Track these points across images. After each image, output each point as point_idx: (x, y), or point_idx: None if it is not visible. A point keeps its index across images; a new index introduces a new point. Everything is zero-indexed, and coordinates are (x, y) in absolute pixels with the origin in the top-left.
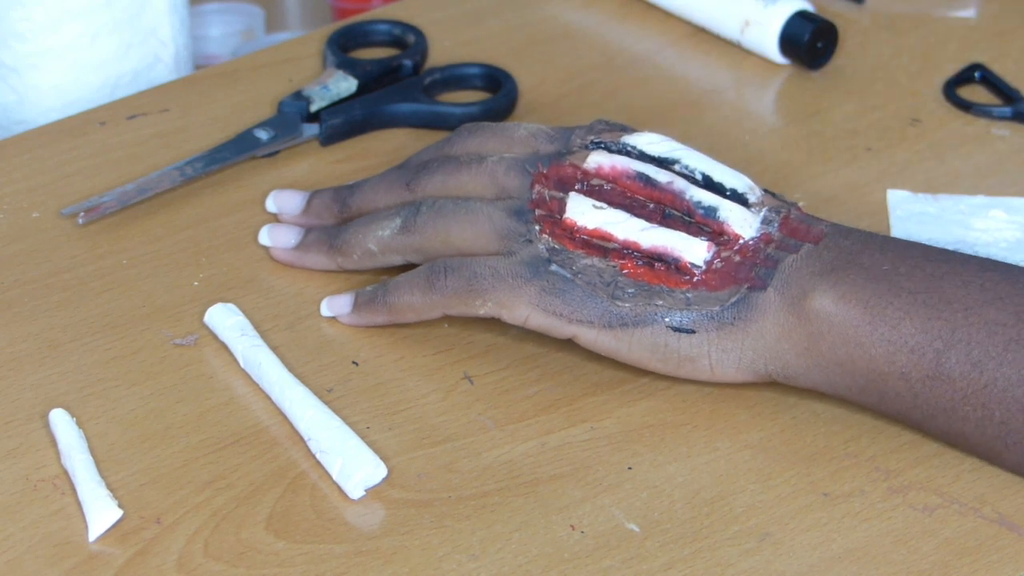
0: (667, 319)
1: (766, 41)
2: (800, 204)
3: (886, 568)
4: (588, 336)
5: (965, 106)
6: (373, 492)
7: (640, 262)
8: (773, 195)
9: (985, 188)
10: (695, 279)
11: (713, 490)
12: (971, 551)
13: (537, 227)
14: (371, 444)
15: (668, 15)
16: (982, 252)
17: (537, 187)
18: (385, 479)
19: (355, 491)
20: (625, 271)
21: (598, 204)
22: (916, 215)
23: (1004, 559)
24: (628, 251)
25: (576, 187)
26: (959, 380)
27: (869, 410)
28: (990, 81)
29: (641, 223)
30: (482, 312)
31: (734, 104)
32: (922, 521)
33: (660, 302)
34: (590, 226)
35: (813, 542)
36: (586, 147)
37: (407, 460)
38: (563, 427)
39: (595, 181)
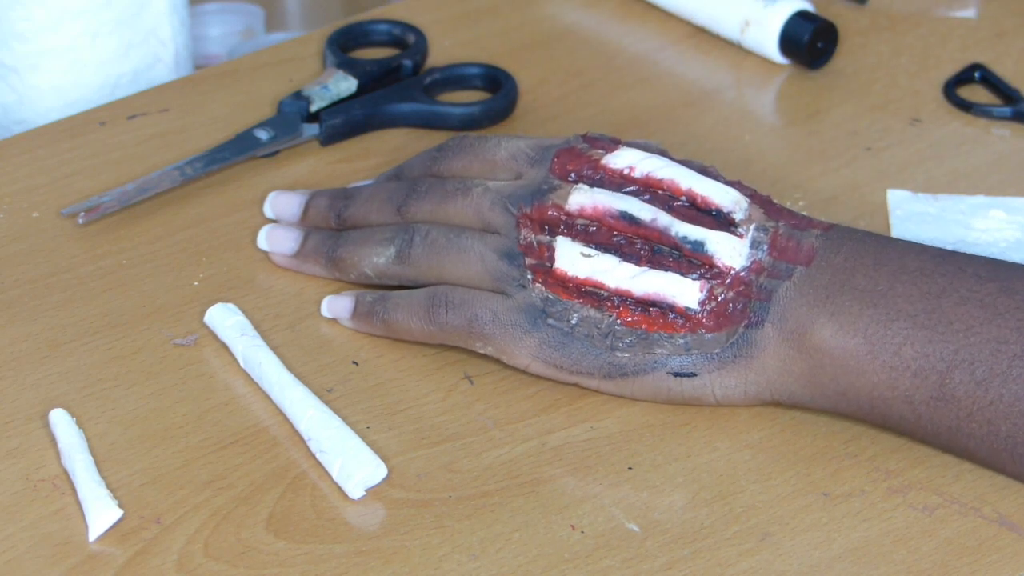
0: (667, 366)
1: (766, 41)
2: (800, 204)
3: (886, 568)
4: (590, 385)
5: (965, 106)
6: (373, 492)
7: (635, 309)
8: (762, 200)
9: (985, 188)
10: (691, 323)
11: (713, 490)
12: (971, 551)
13: (530, 275)
14: (371, 444)
15: (668, 15)
16: (982, 252)
17: (523, 231)
18: (385, 479)
19: (355, 491)
20: (621, 321)
21: (586, 251)
22: (916, 215)
23: (1004, 559)
24: (621, 299)
25: (561, 228)
26: (964, 399)
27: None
28: (990, 81)
29: (631, 269)
30: (482, 352)
31: (734, 104)
32: (922, 521)
33: (659, 350)
34: (581, 275)
35: (813, 542)
36: (567, 179)
37: (407, 460)
38: (563, 427)
39: (580, 222)
